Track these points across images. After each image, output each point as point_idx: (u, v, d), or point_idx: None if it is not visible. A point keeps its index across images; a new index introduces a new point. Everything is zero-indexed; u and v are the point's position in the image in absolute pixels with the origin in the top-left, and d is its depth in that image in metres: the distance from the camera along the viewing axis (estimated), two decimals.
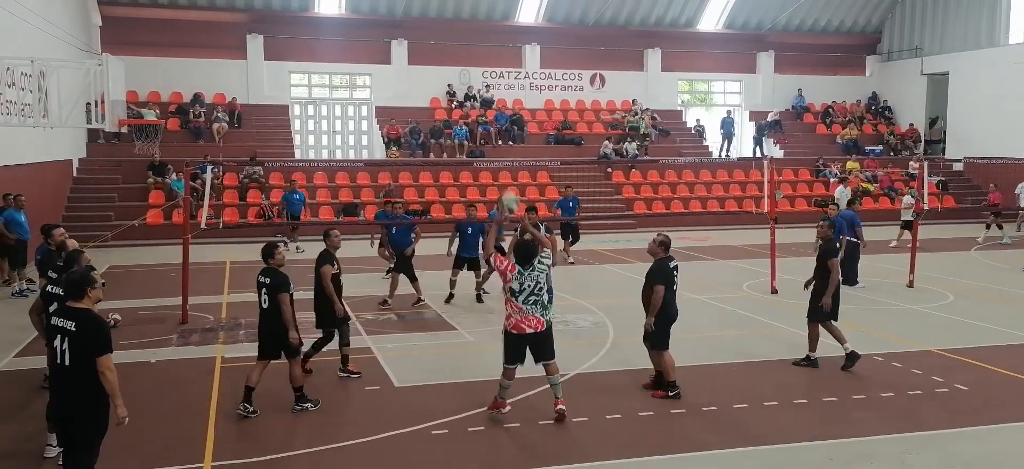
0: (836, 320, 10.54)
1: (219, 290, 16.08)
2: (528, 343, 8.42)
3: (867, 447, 7.92)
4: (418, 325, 13.18)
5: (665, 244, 9.60)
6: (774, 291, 15.57)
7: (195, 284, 14.27)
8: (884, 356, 11.04)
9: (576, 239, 20.08)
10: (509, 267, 8.45)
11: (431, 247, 17.72)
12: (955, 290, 16.05)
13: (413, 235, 14.75)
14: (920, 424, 8.53)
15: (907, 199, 21.77)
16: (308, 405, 8.90)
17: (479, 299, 14.74)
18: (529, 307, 8.35)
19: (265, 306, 8.76)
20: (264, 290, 8.75)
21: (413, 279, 14.40)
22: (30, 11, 18.95)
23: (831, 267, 10.40)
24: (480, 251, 14.25)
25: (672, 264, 9.47)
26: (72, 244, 9.48)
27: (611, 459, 7.61)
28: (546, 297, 8.48)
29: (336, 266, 10.00)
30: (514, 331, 8.40)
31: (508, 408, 8.68)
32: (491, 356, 11.11)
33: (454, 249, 15.01)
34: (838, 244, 11.29)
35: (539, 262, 8.44)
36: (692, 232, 25.76)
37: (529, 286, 8.36)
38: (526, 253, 8.42)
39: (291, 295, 8.81)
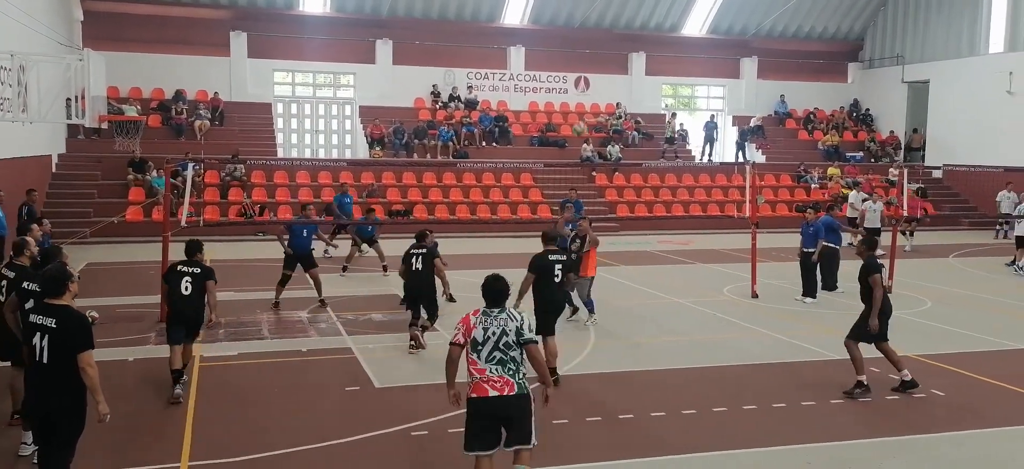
0: (886, 340, 9.77)
1: None
2: (495, 413, 6.17)
3: (844, 451, 7.98)
4: (399, 326, 13.13)
5: (547, 237, 10.40)
6: (755, 295, 15.66)
7: None
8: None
9: None
10: (470, 314, 6.39)
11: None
12: (933, 296, 16.20)
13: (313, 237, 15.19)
14: (897, 429, 8.60)
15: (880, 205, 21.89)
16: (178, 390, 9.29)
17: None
18: (494, 367, 6.19)
19: (187, 293, 9.47)
20: (189, 279, 9.53)
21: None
22: (11, 4, 18.75)
23: (874, 284, 9.52)
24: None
25: (553, 257, 10.02)
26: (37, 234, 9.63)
27: (591, 461, 7.63)
28: (518, 355, 6.26)
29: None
30: (474, 394, 6.20)
31: None
32: None
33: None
34: (875, 255, 10.18)
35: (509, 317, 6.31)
36: (674, 235, 25.87)
37: (495, 334, 6.22)
38: (494, 290, 6.44)
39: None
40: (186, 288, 9.46)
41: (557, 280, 9.98)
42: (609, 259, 20.45)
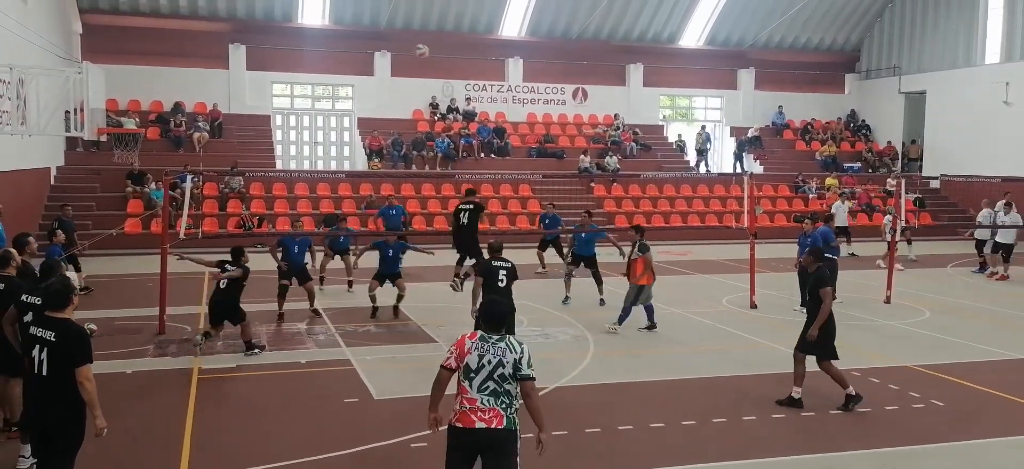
0: (836, 359, 9.56)
1: (197, 301, 15.96)
2: (478, 445, 5.66)
3: (844, 462, 7.97)
4: (398, 337, 13.14)
5: (492, 247, 11.10)
6: (753, 306, 15.66)
7: (173, 294, 14.14)
8: (861, 372, 11.11)
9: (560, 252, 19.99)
10: (466, 337, 5.86)
11: (411, 259, 17.72)
12: (932, 306, 16.21)
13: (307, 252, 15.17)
14: (896, 440, 8.59)
15: (888, 219, 21.79)
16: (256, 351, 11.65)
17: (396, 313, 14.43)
18: (486, 397, 5.66)
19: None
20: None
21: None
22: (9, 18, 18.79)
23: (823, 297, 9.44)
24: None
25: (496, 264, 10.69)
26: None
27: None
28: (511, 387, 5.71)
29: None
30: (458, 423, 5.68)
31: None
32: None
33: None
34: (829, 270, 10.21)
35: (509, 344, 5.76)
36: (673, 246, 25.87)
37: (490, 363, 5.69)
38: (494, 315, 5.92)
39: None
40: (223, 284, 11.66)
41: (502, 285, 10.48)
42: (607, 270, 20.42)
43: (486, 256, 11.22)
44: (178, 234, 14.00)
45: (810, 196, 31.14)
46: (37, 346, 5.92)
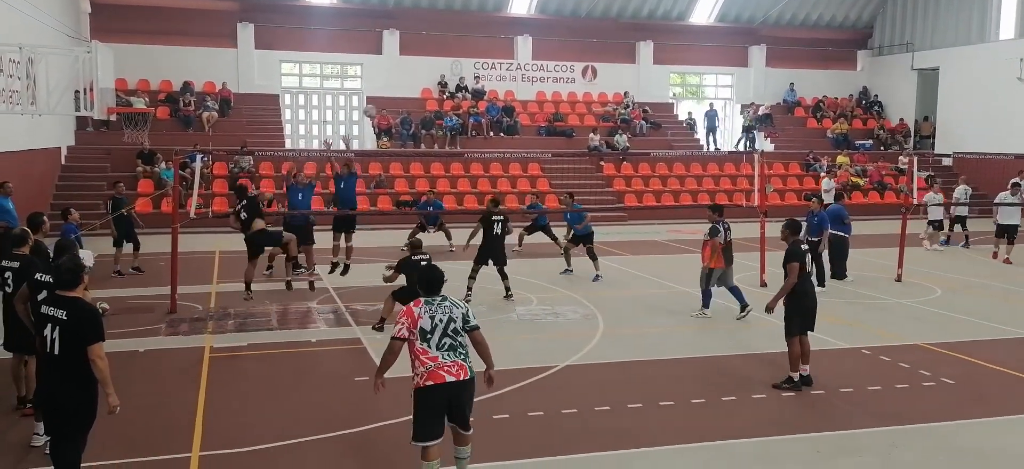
0: (807, 333, 9.40)
1: (208, 279, 16.04)
2: (449, 398, 6.28)
3: (854, 440, 7.97)
4: None
5: (412, 246, 12.19)
6: (763, 284, 15.62)
7: (184, 273, 14.22)
8: (872, 350, 11.10)
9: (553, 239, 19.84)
10: (412, 305, 6.38)
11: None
12: (943, 284, 16.14)
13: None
14: (907, 418, 8.57)
15: (931, 196, 21.68)
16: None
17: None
18: (446, 353, 6.26)
19: None
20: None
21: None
22: None
23: (789, 271, 9.28)
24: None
25: (416, 257, 11.54)
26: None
27: (600, 451, 7.63)
28: (465, 339, 6.38)
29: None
30: (429, 382, 6.21)
31: None
32: None
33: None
34: (806, 245, 9.90)
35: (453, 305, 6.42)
36: (683, 225, 25.80)
37: (442, 321, 6.27)
38: (431, 279, 6.52)
39: None
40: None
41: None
42: (618, 248, 20.43)
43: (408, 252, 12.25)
44: (188, 213, 14.04)
45: (821, 174, 30.97)
46: (49, 324, 5.96)
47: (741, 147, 33.17)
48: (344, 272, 14.89)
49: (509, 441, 7.90)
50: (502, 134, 30.47)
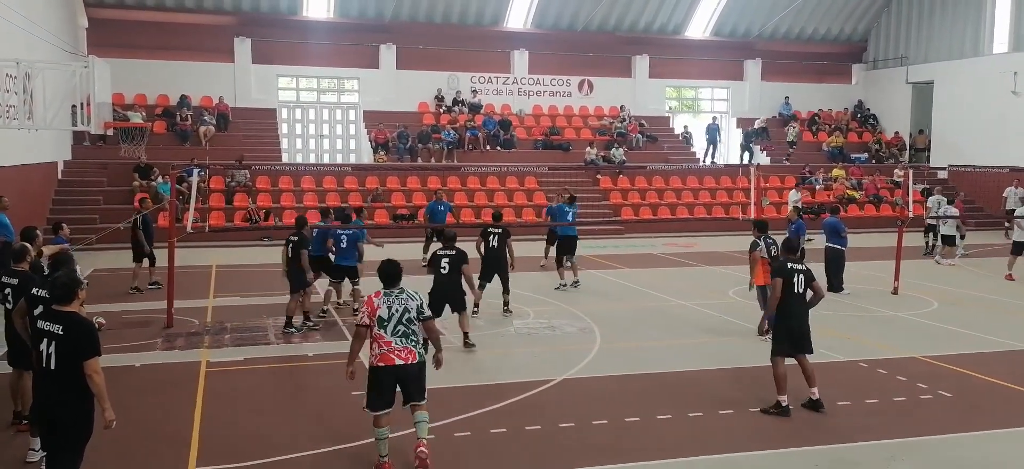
0: (804, 355, 9.12)
1: (205, 294, 16.01)
2: (397, 378, 7.28)
3: (851, 454, 7.96)
4: None
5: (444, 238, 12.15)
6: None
7: (180, 288, 14.19)
8: (869, 363, 11.11)
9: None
10: (372, 296, 7.39)
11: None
12: (940, 297, 16.16)
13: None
14: (904, 431, 8.57)
15: (933, 200, 21.84)
16: None
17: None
18: (399, 340, 7.25)
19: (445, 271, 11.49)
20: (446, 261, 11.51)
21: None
22: (15, 12, 18.83)
23: (773, 287, 9.14)
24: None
25: (441, 252, 11.66)
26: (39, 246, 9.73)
27: (597, 465, 7.61)
28: (417, 328, 7.35)
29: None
30: (381, 363, 7.24)
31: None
32: (481, 361, 11.13)
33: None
34: (799, 264, 9.29)
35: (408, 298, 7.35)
36: (679, 238, 25.86)
37: (398, 311, 7.26)
38: (390, 272, 7.47)
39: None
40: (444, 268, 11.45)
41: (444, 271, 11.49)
42: (614, 262, 20.44)
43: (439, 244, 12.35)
44: (185, 228, 14.02)
45: (817, 187, 31.06)
46: (45, 339, 5.95)
47: (745, 159, 33.24)
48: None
49: (507, 456, 7.89)
50: (499, 148, 30.53)
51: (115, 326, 12.84)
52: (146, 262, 16.51)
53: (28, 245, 8.91)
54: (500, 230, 14.30)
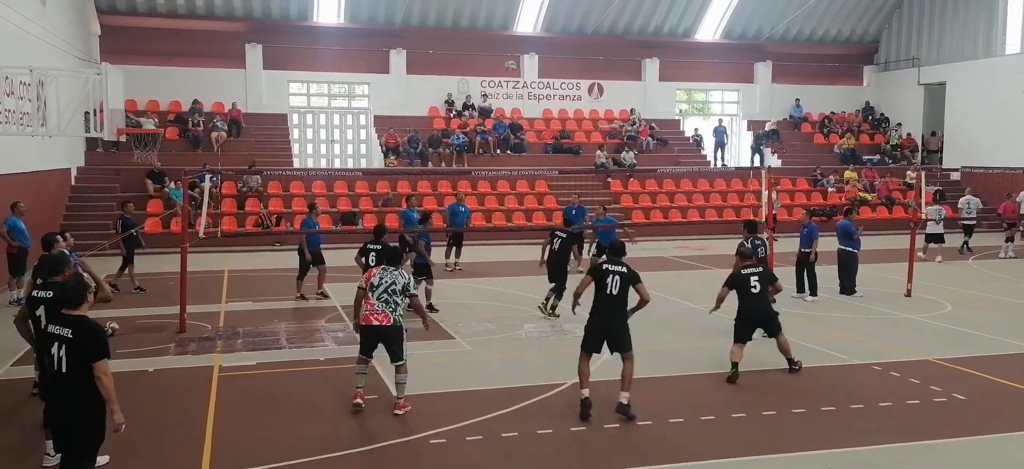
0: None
1: (217, 299, 16.08)
2: (376, 336, 8.95)
3: (865, 456, 7.92)
4: (415, 334, 13.11)
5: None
6: (772, 301, 15.53)
7: (193, 293, 14.26)
8: (882, 365, 11.05)
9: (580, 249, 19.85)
10: (373, 269, 9.35)
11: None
12: (953, 299, 16.07)
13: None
14: (918, 434, 8.53)
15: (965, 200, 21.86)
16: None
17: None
18: (380, 304, 8.89)
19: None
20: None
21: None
22: (29, 20, 18.99)
23: (583, 283, 9.57)
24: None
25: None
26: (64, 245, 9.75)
27: (608, 468, 7.59)
28: (399, 300, 8.96)
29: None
30: (363, 322, 8.99)
31: (360, 400, 9.03)
32: (489, 366, 11.14)
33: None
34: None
35: (401, 276, 9.05)
36: (690, 241, 25.78)
37: (385, 283, 8.93)
38: (391, 255, 9.47)
39: None
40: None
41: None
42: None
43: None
44: (198, 233, 14.09)
45: (829, 189, 30.93)
46: (55, 343, 5.98)
47: (756, 162, 33.13)
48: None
49: (518, 459, 7.89)
50: (509, 152, 30.55)
51: (128, 331, 12.91)
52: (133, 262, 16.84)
53: (66, 252, 8.95)
54: (565, 234, 14.57)
